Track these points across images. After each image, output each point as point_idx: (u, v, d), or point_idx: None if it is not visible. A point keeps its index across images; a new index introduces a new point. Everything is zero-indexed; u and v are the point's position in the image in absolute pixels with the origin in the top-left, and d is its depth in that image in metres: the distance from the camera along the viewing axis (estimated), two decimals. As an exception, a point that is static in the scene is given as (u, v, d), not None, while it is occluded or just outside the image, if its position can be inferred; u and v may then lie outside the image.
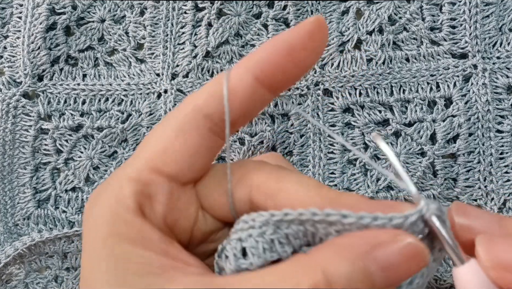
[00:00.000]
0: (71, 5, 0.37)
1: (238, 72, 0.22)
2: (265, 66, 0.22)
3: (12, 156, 0.37)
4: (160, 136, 0.22)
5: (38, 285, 0.37)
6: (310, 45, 0.22)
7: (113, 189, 0.21)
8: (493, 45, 0.35)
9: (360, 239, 0.19)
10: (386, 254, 0.19)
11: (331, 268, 0.18)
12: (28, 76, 0.37)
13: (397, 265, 0.19)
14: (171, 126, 0.22)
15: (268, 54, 0.22)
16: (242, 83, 0.22)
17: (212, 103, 0.22)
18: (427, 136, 0.35)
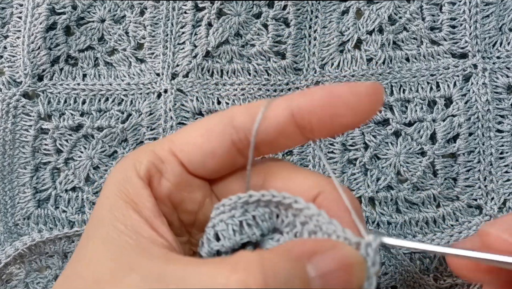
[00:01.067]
0: (71, 5, 0.37)
1: (278, 104, 0.22)
2: (303, 107, 0.22)
3: (12, 156, 0.37)
4: (190, 128, 0.24)
5: (39, 285, 0.37)
6: (354, 105, 0.22)
7: (135, 155, 0.24)
8: (493, 45, 0.35)
9: (301, 244, 0.20)
10: (322, 261, 0.20)
11: (269, 263, 0.19)
12: (28, 76, 0.37)
13: (333, 273, 0.20)
14: (204, 124, 0.23)
15: (310, 97, 0.22)
16: (278, 114, 0.22)
17: (246, 119, 0.23)
18: (427, 135, 0.35)
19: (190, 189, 0.24)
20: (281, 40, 0.36)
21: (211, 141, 0.23)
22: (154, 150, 0.23)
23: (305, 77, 0.36)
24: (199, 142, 0.23)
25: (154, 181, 0.23)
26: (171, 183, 0.23)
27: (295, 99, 0.22)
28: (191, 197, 0.24)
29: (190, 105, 0.36)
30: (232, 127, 0.23)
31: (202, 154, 0.23)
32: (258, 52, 0.36)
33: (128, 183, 0.23)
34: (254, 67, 0.36)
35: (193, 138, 0.23)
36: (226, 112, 0.23)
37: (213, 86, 0.36)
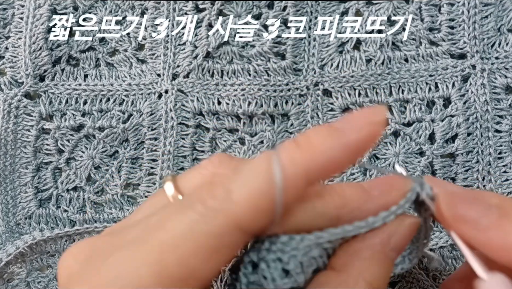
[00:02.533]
0: (73, 6, 0.37)
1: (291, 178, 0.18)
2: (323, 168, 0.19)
3: (14, 156, 0.37)
4: (184, 257, 0.18)
5: (40, 284, 0.37)
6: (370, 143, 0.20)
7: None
8: (491, 46, 0.35)
9: (375, 239, 0.21)
10: (399, 240, 0.22)
11: (370, 277, 0.21)
12: (29, 76, 0.37)
13: (406, 242, 0.22)
14: (200, 246, 0.18)
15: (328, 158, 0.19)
16: (291, 191, 0.18)
17: (258, 221, 0.18)
18: (426, 136, 0.35)
19: None
20: (281, 41, 0.36)
21: (222, 259, 0.18)
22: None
23: (305, 78, 0.36)
24: (207, 270, 0.18)
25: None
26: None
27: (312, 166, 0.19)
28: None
29: (190, 106, 0.36)
30: (242, 233, 0.18)
31: (213, 275, 0.19)
32: (258, 52, 0.36)
33: None
34: (254, 67, 0.36)
35: (197, 268, 0.18)
36: (225, 219, 0.18)
37: (214, 86, 0.36)
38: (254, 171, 0.18)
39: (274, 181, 0.17)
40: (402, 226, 0.22)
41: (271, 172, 0.18)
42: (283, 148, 0.19)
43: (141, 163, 0.37)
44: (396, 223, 0.22)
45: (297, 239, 0.21)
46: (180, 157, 0.36)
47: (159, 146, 0.36)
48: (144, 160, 0.37)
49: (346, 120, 0.20)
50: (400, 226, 0.22)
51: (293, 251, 0.21)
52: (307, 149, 0.19)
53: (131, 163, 0.37)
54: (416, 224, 0.23)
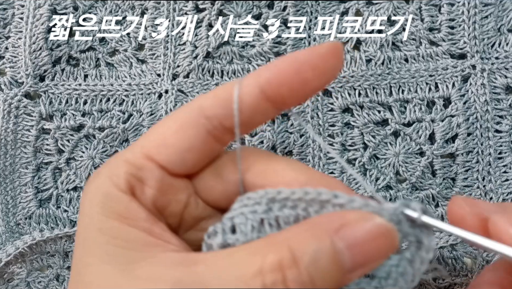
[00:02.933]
0: (73, 6, 0.37)
1: (247, 84, 0.22)
2: (272, 81, 0.22)
3: (14, 156, 0.37)
4: (161, 128, 0.23)
5: (40, 284, 0.37)
6: (320, 67, 0.22)
7: (109, 170, 0.23)
8: (491, 46, 0.35)
9: (328, 218, 0.20)
10: (353, 232, 0.19)
11: (297, 245, 0.19)
12: (29, 76, 0.37)
13: (364, 243, 0.19)
14: (173, 120, 0.23)
15: (277, 70, 0.22)
16: (248, 94, 0.22)
17: (216, 107, 0.22)
18: (426, 136, 0.35)
19: (174, 190, 0.23)
20: (281, 41, 0.36)
21: (186, 136, 0.22)
22: (128, 160, 0.22)
23: (305, 78, 0.36)
24: (174, 141, 0.22)
25: (136, 191, 0.22)
26: (154, 189, 0.22)
27: (262, 75, 0.22)
28: (176, 199, 0.23)
29: (190, 106, 0.36)
30: (204, 118, 0.22)
31: (180, 152, 0.22)
32: (258, 53, 0.36)
33: (111, 200, 0.21)
34: (254, 68, 0.36)
35: (168, 138, 0.22)
36: (193, 102, 0.23)
37: (214, 86, 0.36)
38: (224, 84, 0.23)
39: (230, 86, 0.22)
40: (365, 221, 0.20)
41: (238, 80, 0.23)
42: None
43: (141, 163, 0.37)
44: (360, 215, 0.20)
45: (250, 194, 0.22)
46: (180, 157, 0.36)
47: (159, 146, 0.36)
48: (144, 160, 0.37)
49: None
50: (362, 220, 0.20)
51: (243, 208, 0.21)
52: (267, 65, 0.23)
53: (131, 163, 0.37)
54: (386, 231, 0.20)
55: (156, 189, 0.22)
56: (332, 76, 0.23)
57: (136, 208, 0.22)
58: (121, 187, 0.22)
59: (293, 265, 0.18)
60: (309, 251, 0.19)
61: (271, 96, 0.22)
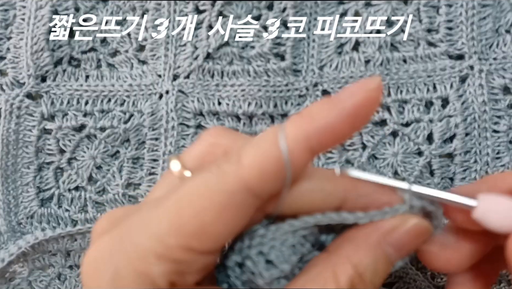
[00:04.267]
0: (74, 7, 0.37)
1: (294, 147, 0.19)
2: (324, 138, 0.20)
3: (16, 156, 0.37)
4: (195, 210, 0.19)
5: (42, 283, 0.37)
6: (368, 111, 0.21)
7: (136, 267, 0.19)
8: (489, 47, 0.35)
9: (373, 230, 0.22)
10: (398, 236, 0.22)
11: (358, 261, 0.21)
12: (31, 77, 0.37)
13: (408, 243, 0.22)
14: (211, 201, 0.19)
15: (328, 124, 0.20)
16: (298, 159, 0.20)
17: (265, 182, 0.19)
18: (424, 136, 0.35)
19: (215, 261, 0.22)
20: (281, 42, 0.36)
21: (233, 220, 0.19)
22: (161, 255, 0.19)
23: (304, 78, 0.36)
24: (220, 227, 0.19)
25: (177, 282, 0.20)
26: (196, 276, 0.20)
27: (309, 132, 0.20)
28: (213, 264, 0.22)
29: (191, 106, 0.36)
30: (254, 197, 0.19)
31: (226, 236, 0.20)
32: (257, 53, 0.36)
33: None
34: (254, 68, 0.36)
35: (210, 224, 0.19)
36: (234, 179, 0.19)
37: (214, 87, 0.36)
38: (262, 139, 0.20)
39: (279, 146, 0.19)
40: (404, 225, 0.22)
41: (277, 138, 0.19)
42: (288, 120, 0.21)
43: (142, 163, 0.37)
44: (399, 220, 0.22)
45: (272, 229, 0.22)
46: (180, 157, 0.37)
47: (160, 146, 0.37)
48: (145, 160, 0.37)
49: (343, 90, 0.21)
50: (402, 224, 0.22)
51: (271, 242, 0.21)
52: (307, 116, 0.20)
53: (132, 163, 0.37)
54: (422, 227, 0.22)
55: (198, 275, 0.21)
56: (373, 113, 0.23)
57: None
58: (161, 286, 0.19)
59: (360, 281, 0.20)
60: (369, 264, 0.21)
61: (317, 150, 0.20)
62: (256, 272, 0.21)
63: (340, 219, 0.22)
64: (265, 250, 0.21)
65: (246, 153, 0.19)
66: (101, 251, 0.20)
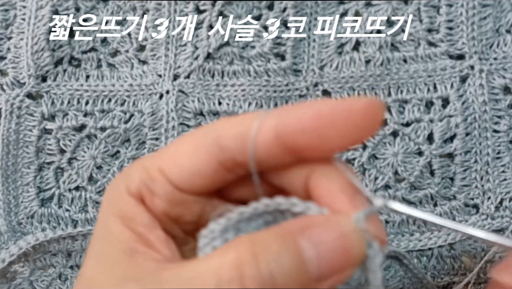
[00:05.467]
0: (74, 7, 0.37)
1: (267, 124, 0.20)
2: (288, 129, 0.20)
3: (16, 156, 0.37)
4: (179, 146, 0.23)
5: (43, 283, 0.37)
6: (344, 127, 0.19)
7: (128, 171, 0.23)
8: (490, 46, 0.36)
9: (293, 221, 0.19)
10: (319, 232, 0.18)
11: (259, 242, 0.18)
12: (31, 77, 0.37)
13: (333, 251, 0.18)
14: (191, 140, 0.22)
15: (295, 119, 0.20)
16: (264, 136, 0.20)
17: (231, 139, 0.21)
18: (424, 136, 0.35)
19: (186, 204, 0.23)
20: (281, 42, 0.36)
21: (197, 160, 0.21)
22: (146, 167, 0.22)
23: (304, 78, 0.36)
24: (186, 161, 0.22)
25: (146, 199, 0.22)
26: (163, 201, 0.22)
27: (281, 120, 0.20)
28: (189, 211, 0.23)
29: (191, 106, 0.36)
30: (218, 148, 0.21)
31: (188, 174, 0.22)
32: (258, 53, 0.36)
33: (120, 200, 0.22)
34: (254, 68, 0.36)
35: (180, 157, 0.22)
36: (213, 128, 0.22)
37: (214, 87, 0.36)
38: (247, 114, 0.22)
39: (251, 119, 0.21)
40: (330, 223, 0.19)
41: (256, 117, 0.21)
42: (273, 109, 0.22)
43: (142, 163, 0.37)
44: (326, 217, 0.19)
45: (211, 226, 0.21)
46: (181, 157, 0.37)
47: (160, 146, 0.37)
48: (145, 160, 0.37)
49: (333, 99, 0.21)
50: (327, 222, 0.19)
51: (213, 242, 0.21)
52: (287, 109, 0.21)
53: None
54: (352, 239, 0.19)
55: (165, 201, 0.22)
56: (361, 138, 0.20)
57: (139, 213, 0.22)
58: (131, 190, 0.22)
59: (252, 260, 0.18)
60: (271, 247, 0.18)
61: (286, 143, 0.20)
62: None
63: (274, 204, 0.20)
64: (208, 251, 0.20)
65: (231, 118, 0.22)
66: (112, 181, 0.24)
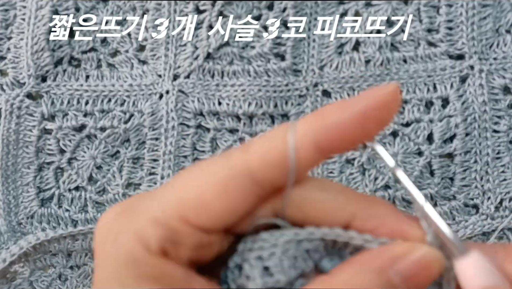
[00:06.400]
0: (74, 7, 0.37)
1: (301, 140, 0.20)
2: (331, 136, 0.20)
3: (16, 156, 0.37)
4: (198, 187, 0.20)
5: (43, 283, 0.37)
6: (382, 117, 0.20)
7: (134, 228, 0.20)
8: (490, 47, 0.35)
9: (379, 254, 0.20)
10: (406, 264, 0.20)
11: (357, 285, 0.19)
12: (31, 77, 0.37)
13: (417, 274, 0.20)
14: (214, 180, 0.20)
15: (337, 123, 0.20)
16: (303, 153, 0.20)
17: (267, 171, 0.20)
18: (424, 136, 0.35)
19: (210, 244, 0.21)
20: (281, 42, 0.36)
21: (232, 202, 0.20)
22: (159, 220, 0.20)
23: (304, 79, 0.36)
24: (217, 205, 0.20)
25: (171, 253, 0.20)
26: (190, 251, 0.20)
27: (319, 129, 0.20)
28: (211, 249, 0.21)
29: (191, 106, 0.36)
30: (254, 184, 0.20)
31: (223, 217, 0.20)
32: (258, 54, 0.36)
33: (142, 263, 0.19)
34: (254, 68, 0.36)
35: (209, 202, 0.20)
36: (238, 164, 0.20)
37: (214, 87, 0.36)
38: (271, 131, 0.21)
39: (286, 137, 0.20)
40: (413, 252, 0.20)
41: (285, 131, 0.20)
42: (301, 117, 0.21)
43: (142, 163, 0.37)
44: (407, 246, 0.20)
45: (276, 235, 0.21)
46: (181, 157, 0.37)
47: (160, 146, 0.37)
48: (145, 160, 0.37)
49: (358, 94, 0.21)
50: (411, 251, 0.20)
51: (272, 248, 0.21)
52: (318, 115, 0.20)
53: (132, 163, 0.37)
54: (432, 257, 0.20)
55: (192, 250, 0.20)
56: (390, 120, 0.21)
57: (171, 269, 0.20)
58: (153, 250, 0.19)
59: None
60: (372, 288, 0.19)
61: (326, 150, 0.20)
62: (251, 276, 0.21)
63: (347, 237, 0.21)
64: (265, 255, 0.21)
65: (254, 142, 0.20)
66: (108, 218, 0.21)
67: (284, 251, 0.21)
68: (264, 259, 0.21)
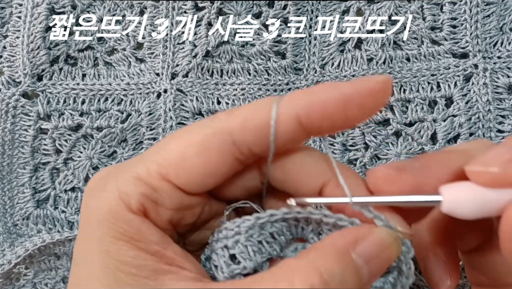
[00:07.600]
0: (71, 5, 0.37)
1: (283, 112, 0.20)
2: (312, 113, 0.20)
3: (12, 156, 0.37)
4: (179, 146, 0.21)
5: (46, 285, 0.37)
6: (367, 104, 0.21)
7: (117, 186, 0.21)
8: (494, 45, 0.35)
9: (341, 236, 0.21)
10: (366, 246, 0.20)
11: (324, 267, 0.19)
12: (27, 75, 0.37)
13: (377, 255, 0.20)
14: (194, 140, 0.21)
15: (320, 102, 0.20)
16: (284, 124, 0.21)
17: (247, 134, 0.21)
18: (428, 135, 0.35)
19: (190, 207, 0.22)
20: (281, 40, 0.36)
21: (211, 161, 0.20)
22: (141, 178, 0.21)
23: (305, 77, 0.36)
24: (196, 164, 0.20)
25: (150, 212, 0.21)
26: (170, 210, 0.21)
27: (301, 104, 0.20)
28: (191, 213, 0.22)
29: (190, 105, 0.36)
30: (233, 144, 0.21)
31: (202, 176, 0.21)
32: (258, 52, 0.36)
33: (120, 220, 0.20)
34: (254, 67, 0.36)
35: (188, 160, 0.20)
36: (218, 124, 0.21)
37: (213, 86, 0.36)
38: (258, 101, 0.21)
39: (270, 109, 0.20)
40: (371, 234, 0.21)
41: (271, 103, 0.21)
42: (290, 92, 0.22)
43: (140, 163, 0.37)
44: (366, 229, 0.21)
45: (238, 221, 0.21)
46: (179, 158, 0.36)
47: (158, 146, 0.36)
48: (143, 160, 0.36)
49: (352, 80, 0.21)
50: (370, 234, 0.21)
51: (236, 236, 0.21)
52: (305, 90, 0.21)
53: (129, 163, 0.37)
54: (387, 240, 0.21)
55: (171, 210, 0.21)
56: (375, 111, 0.21)
57: (148, 230, 0.20)
58: (133, 208, 0.20)
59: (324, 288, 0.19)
60: (336, 272, 0.19)
61: (308, 126, 0.21)
62: (218, 265, 0.21)
63: (306, 214, 0.21)
64: (229, 244, 0.21)
65: (240, 108, 0.21)
66: (98, 177, 0.22)
67: (248, 237, 0.21)
68: (229, 248, 0.21)
